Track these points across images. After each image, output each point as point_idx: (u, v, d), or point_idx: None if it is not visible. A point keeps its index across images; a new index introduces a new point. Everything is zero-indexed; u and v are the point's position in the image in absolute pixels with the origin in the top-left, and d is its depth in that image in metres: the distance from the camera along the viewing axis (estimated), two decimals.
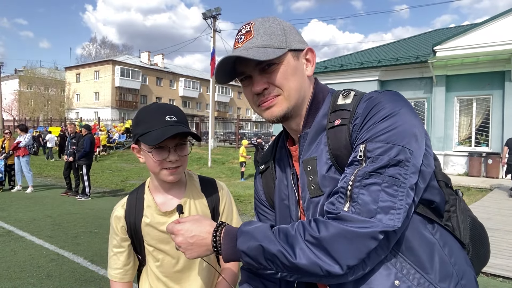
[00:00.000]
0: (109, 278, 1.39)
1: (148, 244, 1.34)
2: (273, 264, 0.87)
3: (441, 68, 14.40)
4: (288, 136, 1.15)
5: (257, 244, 0.88)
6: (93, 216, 7.46)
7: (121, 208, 1.38)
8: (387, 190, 0.81)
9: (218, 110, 56.72)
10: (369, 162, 0.83)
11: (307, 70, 1.03)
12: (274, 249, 0.86)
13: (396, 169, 0.82)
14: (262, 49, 0.96)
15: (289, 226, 0.89)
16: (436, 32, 20.35)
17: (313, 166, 0.97)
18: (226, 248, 0.94)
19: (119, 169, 16.63)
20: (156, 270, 1.35)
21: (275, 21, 1.02)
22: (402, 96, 0.93)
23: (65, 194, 10.02)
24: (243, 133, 26.90)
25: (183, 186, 1.38)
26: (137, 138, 1.25)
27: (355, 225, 0.80)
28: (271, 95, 0.99)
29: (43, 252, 5.16)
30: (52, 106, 52.62)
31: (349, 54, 19.57)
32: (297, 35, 1.03)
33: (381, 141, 0.84)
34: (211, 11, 21.70)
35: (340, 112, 0.96)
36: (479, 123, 14.41)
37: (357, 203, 0.82)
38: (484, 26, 13.87)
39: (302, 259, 0.82)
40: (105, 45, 67.05)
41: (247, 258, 0.91)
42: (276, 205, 1.16)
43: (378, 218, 0.79)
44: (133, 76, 49.88)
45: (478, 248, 1.01)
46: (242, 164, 13.84)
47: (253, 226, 0.93)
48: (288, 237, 0.86)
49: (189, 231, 0.99)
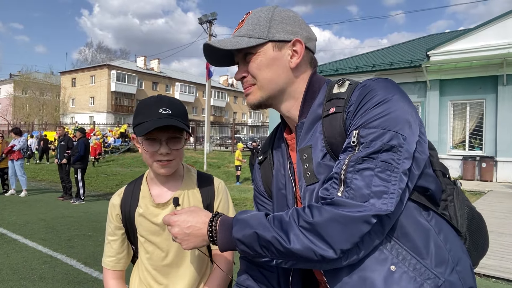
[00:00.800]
0: (104, 266, 1.40)
1: (140, 234, 1.35)
2: (268, 251, 0.88)
3: (435, 72, 14.52)
4: (286, 126, 1.16)
5: (252, 232, 0.89)
6: (87, 220, 7.43)
7: (118, 196, 1.39)
8: (380, 175, 0.82)
9: (214, 114, 56.74)
10: (362, 147, 0.84)
11: (291, 61, 1.02)
12: (268, 235, 0.87)
13: (389, 154, 0.82)
14: (241, 38, 1.02)
15: (283, 213, 0.90)
16: (430, 37, 20.54)
17: (308, 154, 0.98)
18: (222, 237, 0.95)
19: (114, 173, 16.55)
20: (146, 262, 1.36)
21: (269, 11, 1.04)
22: (395, 83, 0.93)
23: (61, 198, 9.94)
24: (238, 137, 26.91)
25: (179, 180, 1.39)
26: (134, 128, 1.27)
27: (348, 210, 0.81)
28: (247, 83, 1.06)
29: (36, 254, 5.13)
30: (47, 110, 52.37)
31: (344, 59, 19.70)
32: (290, 26, 1.02)
33: (374, 126, 0.85)
34: (207, 16, 21.85)
35: (335, 100, 0.97)
36: (473, 127, 14.51)
37: (350, 188, 0.82)
38: (477, 31, 14.04)
39: (296, 244, 0.83)
40: (101, 50, 67.11)
41: (242, 246, 0.91)
42: (273, 194, 1.17)
43: (371, 203, 0.80)
44: (129, 81, 49.80)
45: (476, 238, 1.01)
46: (237, 167, 13.84)
47: (248, 214, 0.94)
48: (283, 223, 0.87)
49: (185, 222, 1.00)
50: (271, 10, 1.04)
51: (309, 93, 1.04)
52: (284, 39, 1.01)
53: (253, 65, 1.03)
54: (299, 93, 1.05)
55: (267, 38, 1.01)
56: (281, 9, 1.05)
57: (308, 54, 1.05)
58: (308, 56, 1.06)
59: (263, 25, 1.01)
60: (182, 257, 1.34)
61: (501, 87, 13.47)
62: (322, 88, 1.04)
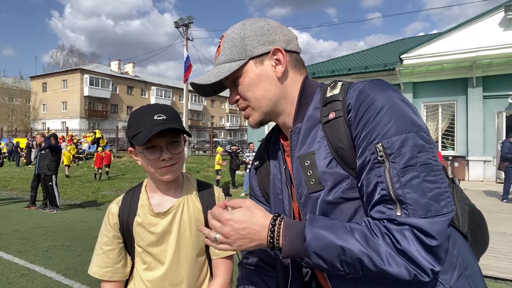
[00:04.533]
0: (96, 277, 1.34)
1: (138, 245, 1.32)
2: (350, 267, 0.82)
3: (408, 75, 14.95)
4: (281, 131, 1.14)
5: (336, 245, 0.81)
6: (64, 229, 7.20)
7: (116, 205, 1.36)
8: (427, 179, 0.79)
9: (192, 118, 56.20)
10: (392, 158, 0.80)
11: (276, 71, 1.00)
12: (358, 252, 0.79)
13: (424, 154, 0.80)
14: (222, 66, 1.02)
15: (363, 227, 0.83)
16: (403, 41, 21.13)
17: (311, 160, 0.95)
18: (288, 245, 0.87)
19: (90, 180, 16.15)
20: (142, 273, 1.33)
21: (239, 29, 1.02)
22: (387, 83, 0.92)
23: (28, 208, 9.50)
24: (217, 141, 26.79)
25: (179, 188, 1.37)
26: (130, 140, 1.25)
27: (432, 228, 0.77)
28: (242, 106, 1.06)
29: (12, 267, 4.92)
30: (17, 116, 50.50)
31: (320, 62, 19.98)
32: (264, 36, 1.00)
33: (394, 134, 0.81)
34: (183, 19, 21.65)
35: (331, 104, 0.95)
36: (445, 128, 15.02)
37: (407, 204, 0.78)
38: (448, 35, 14.56)
39: (393, 266, 0.77)
40: (73, 54, 65.28)
41: (317, 259, 0.83)
42: (271, 200, 1.16)
43: (435, 210, 0.77)
44: (103, 85, 48.69)
45: (476, 236, 1.02)
46: (217, 172, 13.74)
47: (326, 223, 0.86)
48: (368, 239, 0.80)
49: (239, 222, 0.90)
50: (241, 28, 1.01)
51: (303, 97, 1.02)
52: (263, 52, 1.00)
53: (241, 87, 1.02)
54: (292, 99, 1.03)
55: (246, 57, 0.99)
56: (252, 21, 1.03)
57: (292, 57, 1.03)
58: (292, 58, 1.03)
59: (238, 45, 1.00)
60: (179, 268, 1.32)
61: (471, 89, 14.01)
62: (316, 93, 1.03)
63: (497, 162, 10.88)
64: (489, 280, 4.46)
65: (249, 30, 1.00)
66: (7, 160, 21.53)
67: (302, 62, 1.08)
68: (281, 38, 1.01)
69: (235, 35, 1.01)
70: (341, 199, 0.91)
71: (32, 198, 9.74)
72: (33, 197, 9.74)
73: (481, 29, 13.87)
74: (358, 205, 0.91)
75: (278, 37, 1.01)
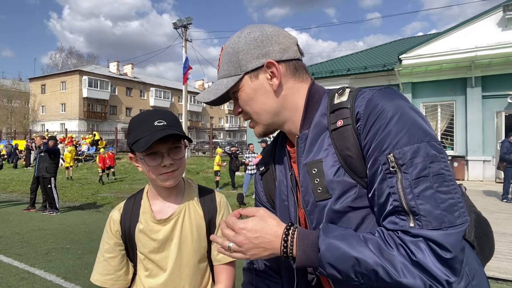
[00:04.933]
0: (98, 284, 1.33)
1: (140, 251, 1.32)
2: (364, 278, 0.81)
3: (406, 75, 14.96)
4: (287, 137, 1.13)
5: (351, 256, 0.80)
6: (64, 232, 7.19)
7: (118, 211, 1.35)
8: (440, 189, 0.78)
9: (191, 119, 56.23)
10: (404, 169, 0.79)
11: (271, 84, 0.99)
12: (373, 263, 0.79)
13: (436, 164, 0.79)
14: (220, 81, 1.04)
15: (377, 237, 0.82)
16: (402, 41, 21.14)
17: (319, 168, 0.94)
18: (301, 255, 0.87)
19: (89, 182, 16.13)
20: (144, 280, 1.32)
21: (234, 43, 1.02)
22: (396, 91, 0.91)
23: (27, 210, 9.49)
24: (216, 142, 26.79)
25: (181, 194, 1.37)
26: (130, 147, 1.24)
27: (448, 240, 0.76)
28: (245, 117, 1.07)
29: (12, 271, 4.91)
30: (15, 118, 50.53)
31: (320, 63, 19.98)
32: (258, 49, 0.99)
33: (406, 144, 0.81)
34: (181, 20, 21.63)
35: (339, 111, 0.94)
36: (444, 128, 15.03)
37: (420, 216, 0.78)
38: (447, 35, 14.57)
39: (408, 277, 0.77)
40: (71, 55, 65.21)
41: (331, 269, 0.83)
42: (276, 206, 1.15)
43: (448, 221, 0.77)
44: (102, 87, 48.70)
45: (483, 244, 1.01)
46: (216, 173, 13.74)
47: (340, 233, 0.85)
48: (382, 250, 0.80)
49: (253, 231, 0.90)
50: (236, 41, 1.01)
51: (310, 104, 1.01)
52: (257, 66, 0.99)
53: (240, 102, 1.04)
54: (295, 108, 1.02)
55: (241, 72, 1.00)
56: (247, 32, 1.02)
57: (290, 66, 1.01)
58: (290, 67, 1.01)
59: (233, 61, 1.01)
60: (181, 275, 1.31)
61: (470, 89, 14.02)
62: (323, 99, 1.01)
63: (497, 162, 10.88)
64: (489, 281, 4.46)
65: (243, 43, 1.00)
66: (6, 162, 21.50)
67: (303, 68, 1.06)
68: (275, 49, 0.99)
69: (230, 49, 1.02)
70: (349, 208, 0.90)
71: (32, 201, 9.70)
72: (32, 199, 9.71)
73: (479, 29, 13.89)
74: (365, 213, 0.90)
75: (273, 47, 0.99)
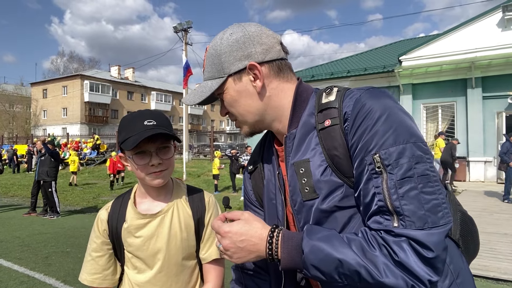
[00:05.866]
0: (85, 283, 1.33)
1: (127, 250, 1.32)
2: (348, 279, 0.82)
3: (407, 77, 14.96)
4: (275, 136, 1.13)
5: (334, 258, 0.81)
6: (64, 236, 7.19)
7: (105, 211, 1.36)
8: (425, 190, 0.79)
9: (192, 123, 56.33)
10: (389, 169, 0.80)
11: (255, 86, 0.99)
12: (355, 265, 0.80)
13: (421, 165, 0.80)
14: (205, 83, 1.05)
15: (360, 237, 0.83)
16: (402, 42, 21.17)
17: (306, 168, 0.94)
18: (286, 258, 0.87)
19: (91, 185, 16.14)
20: (132, 278, 1.33)
21: (216, 45, 1.01)
22: (384, 91, 0.91)
23: (28, 214, 9.50)
24: (217, 145, 26.80)
25: (169, 194, 1.37)
26: (120, 146, 1.25)
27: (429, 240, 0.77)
28: (232, 118, 1.08)
29: (12, 274, 4.91)
30: (17, 123, 50.75)
31: (320, 65, 20.02)
32: (240, 51, 0.98)
33: (392, 144, 0.81)
34: (182, 24, 21.70)
35: (326, 111, 0.94)
36: (445, 129, 14.99)
37: (404, 216, 0.78)
38: (446, 36, 14.58)
39: (390, 277, 0.77)
40: (72, 60, 65.43)
41: (315, 271, 0.84)
42: (265, 204, 1.15)
43: (432, 222, 0.77)
44: (103, 91, 48.83)
45: (467, 243, 1.01)
46: (215, 176, 13.59)
47: (323, 235, 0.86)
48: (365, 251, 0.80)
49: (238, 234, 0.91)
50: (219, 43, 1.01)
51: (298, 103, 1.01)
52: (240, 68, 0.99)
53: (225, 104, 1.04)
54: (281, 108, 1.02)
55: (224, 75, 1.00)
56: (229, 33, 1.01)
57: (273, 66, 1.00)
58: (274, 68, 1.00)
59: (216, 63, 1.01)
60: (170, 273, 1.32)
61: (470, 89, 14.01)
62: (310, 98, 1.01)
63: (498, 163, 10.86)
64: (490, 282, 4.44)
65: (225, 45, 0.99)
66: (8, 167, 21.55)
67: (288, 67, 1.05)
68: (257, 50, 0.99)
69: (213, 51, 1.02)
70: (335, 208, 0.90)
71: (32, 205, 9.73)
72: (33, 203, 9.73)
73: (479, 30, 13.90)
74: (352, 213, 0.90)
75: (255, 48, 0.98)
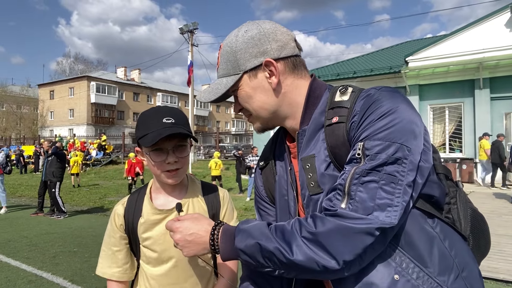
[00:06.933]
0: (105, 277, 1.35)
1: (143, 245, 1.33)
2: (270, 262, 0.88)
3: (413, 77, 14.86)
4: (287, 132, 1.14)
5: (254, 242, 0.89)
6: (71, 235, 7.23)
7: (121, 206, 1.38)
8: (384, 188, 0.82)
9: (197, 124, 56.42)
10: (367, 160, 0.84)
11: (270, 82, 1.01)
12: (270, 246, 0.87)
13: (394, 166, 0.82)
14: (219, 80, 1.06)
15: (285, 223, 0.90)
16: (409, 43, 21.05)
17: (311, 163, 0.97)
18: (224, 246, 0.96)
19: (97, 186, 16.23)
20: (148, 272, 1.34)
21: (231, 42, 1.02)
22: (399, 92, 0.93)
23: (35, 214, 9.57)
24: (223, 146, 26.83)
25: (184, 190, 1.39)
26: (138, 141, 1.26)
27: (352, 222, 0.81)
28: (245, 114, 1.10)
29: (20, 274, 4.95)
30: (24, 124, 51.26)
31: (326, 66, 19.98)
32: (256, 48, 0.99)
33: (380, 138, 0.84)
34: (188, 26, 21.79)
35: (337, 109, 0.96)
36: (452, 130, 14.88)
37: (354, 200, 0.82)
38: (454, 37, 14.46)
39: (299, 255, 0.83)
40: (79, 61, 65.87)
41: (244, 256, 0.92)
42: (276, 200, 1.16)
43: (375, 215, 0.80)
44: (109, 92, 49.13)
45: (478, 239, 1.01)
46: (214, 178, 12.87)
47: (251, 224, 0.94)
48: (285, 234, 0.87)
49: (187, 229, 1.01)
50: (234, 40, 1.02)
51: (310, 100, 1.02)
52: (255, 65, 1.00)
53: (240, 100, 1.06)
54: (295, 104, 1.04)
55: (240, 71, 1.01)
56: (244, 30, 1.02)
57: (288, 63, 1.02)
58: (289, 64, 1.02)
59: (231, 60, 1.02)
60: (185, 268, 1.33)
61: (478, 90, 13.88)
62: (323, 95, 1.02)
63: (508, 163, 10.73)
64: (500, 284, 4.40)
65: (241, 42, 1.01)
66: (15, 168, 21.73)
67: (302, 64, 1.06)
68: (273, 47, 1.00)
69: (228, 48, 1.03)
70: None
71: (40, 205, 9.80)
72: (40, 203, 9.80)
73: (487, 30, 13.76)
74: None
75: (270, 45, 1.00)
